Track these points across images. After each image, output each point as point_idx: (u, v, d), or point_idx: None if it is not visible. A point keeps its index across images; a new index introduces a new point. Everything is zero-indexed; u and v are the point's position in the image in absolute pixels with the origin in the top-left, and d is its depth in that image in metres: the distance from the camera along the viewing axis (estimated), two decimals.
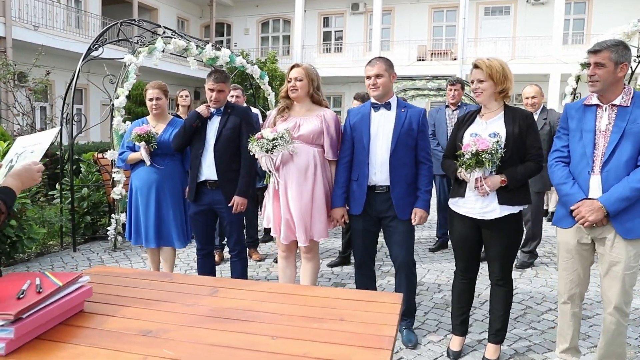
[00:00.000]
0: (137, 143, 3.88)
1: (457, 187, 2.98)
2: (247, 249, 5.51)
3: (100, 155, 6.11)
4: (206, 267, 3.92)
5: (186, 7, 23.40)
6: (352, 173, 3.27)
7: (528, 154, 2.83)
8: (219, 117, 3.69)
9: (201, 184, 3.66)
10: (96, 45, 5.85)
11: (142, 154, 3.86)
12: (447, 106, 5.67)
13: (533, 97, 4.88)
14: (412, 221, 3.14)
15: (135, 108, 12.79)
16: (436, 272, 4.98)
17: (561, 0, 18.20)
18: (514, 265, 3.84)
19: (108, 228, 5.89)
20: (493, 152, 2.70)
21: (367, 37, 22.17)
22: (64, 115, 5.98)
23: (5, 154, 5.32)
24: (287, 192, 3.27)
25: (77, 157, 6.46)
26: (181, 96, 5.72)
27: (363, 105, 3.35)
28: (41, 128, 11.00)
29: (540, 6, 20.42)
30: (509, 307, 3.06)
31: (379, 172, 3.15)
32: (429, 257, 5.53)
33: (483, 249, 3.05)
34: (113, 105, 5.54)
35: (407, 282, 3.26)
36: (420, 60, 20.73)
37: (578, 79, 6.15)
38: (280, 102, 3.39)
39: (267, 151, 3.15)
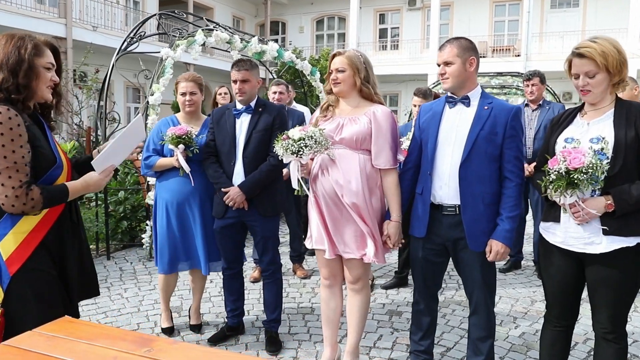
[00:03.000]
0: (172, 147, 3.16)
1: (550, 209, 2.26)
2: (292, 264, 4.97)
3: (135, 156, 5.70)
4: (233, 289, 3.36)
5: (241, 6, 23.35)
6: (417, 185, 2.62)
7: None
8: (249, 116, 3.12)
9: None
10: (134, 40, 5.44)
11: (180, 160, 3.14)
12: (526, 105, 4.84)
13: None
14: (487, 255, 2.44)
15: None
16: (510, 299, 4.20)
17: None
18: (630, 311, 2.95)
19: (143, 235, 5.47)
20: (592, 169, 1.96)
21: (424, 33, 21.38)
22: (99, 114, 5.62)
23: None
24: (323, 207, 2.66)
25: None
26: (220, 93, 5.18)
27: (438, 100, 2.68)
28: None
29: None
30: None
31: (446, 187, 2.47)
32: (500, 279, 4.70)
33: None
34: (148, 102, 5.11)
35: (484, 324, 2.55)
36: (480, 57, 19.57)
37: None
38: (325, 99, 2.78)
39: (293, 154, 2.54)
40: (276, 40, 23.54)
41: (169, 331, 3.49)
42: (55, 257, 1.95)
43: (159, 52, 5.24)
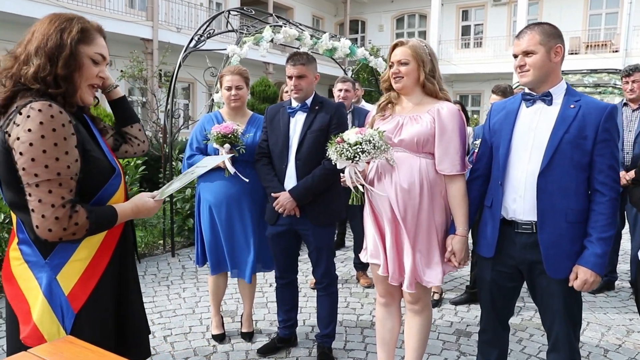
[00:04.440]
0: (217, 146, 2.96)
1: None
2: (356, 271, 4.71)
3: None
4: (286, 299, 3.15)
5: (321, 5, 23.38)
6: (486, 196, 2.27)
7: None
8: (304, 115, 2.89)
9: None
10: (202, 38, 5.42)
11: (226, 161, 2.94)
12: (624, 104, 4.24)
13: None
14: (570, 282, 2.03)
15: (259, 105, 12.60)
16: (600, 327, 3.66)
17: None
18: None
19: None
20: None
21: (510, 29, 20.35)
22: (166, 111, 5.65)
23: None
24: (383, 218, 2.36)
25: (182, 155, 6.13)
26: (286, 92, 5.01)
27: (512, 98, 2.30)
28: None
29: None
30: None
31: (521, 200, 2.09)
32: (588, 301, 4.16)
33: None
34: (213, 100, 5.05)
35: None
36: (572, 53, 18.37)
37: None
38: (382, 97, 2.48)
39: (348, 159, 2.26)
40: (355, 40, 23.47)
41: (220, 338, 3.34)
42: (115, 289, 1.65)
43: (226, 49, 5.17)
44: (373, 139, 2.21)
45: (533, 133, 2.08)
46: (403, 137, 2.29)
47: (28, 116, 1.39)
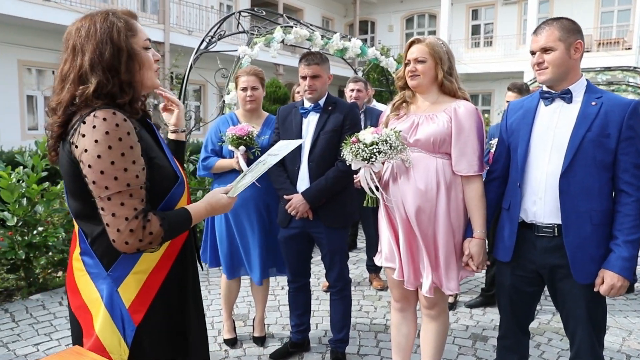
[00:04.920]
0: (232, 148, 2.94)
1: None
2: (369, 273, 4.66)
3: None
4: (299, 303, 3.10)
5: (330, 7, 23.36)
6: (503, 199, 2.20)
7: None
8: (317, 116, 2.84)
9: None
10: (213, 39, 5.40)
11: (241, 163, 2.91)
12: None
13: None
14: (596, 287, 1.96)
15: (270, 106, 12.60)
16: (620, 332, 3.57)
17: None
18: None
19: None
20: None
21: (520, 28, 20.22)
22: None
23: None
24: (398, 221, 2.30)
25: (194, 157, 6.11)
26: (298, 92, 4.96)
27: (530, 96, 2.24)
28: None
29: None
30: None
31: (541, 202, 2.02)
32: (608, 304, 4.04)
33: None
34: (224, 102, 5.02)
35: None
36: (585, 52, 18.06)
37: None
38: (397, 95, 2.43)
39: (364, 160, 2.20)
40: (365, 40, 23.48)
41: (231, 342, 3.30)
42: (175, 298, 1.57)
43: (236, 50, 5.14)
44: (389, 139, 2.16)
45: (552, 132, 2.01)
46: (419, 137, 2.24)
47: (94, 126, 1.32)
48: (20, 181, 4.19)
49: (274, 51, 5.41)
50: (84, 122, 1.33)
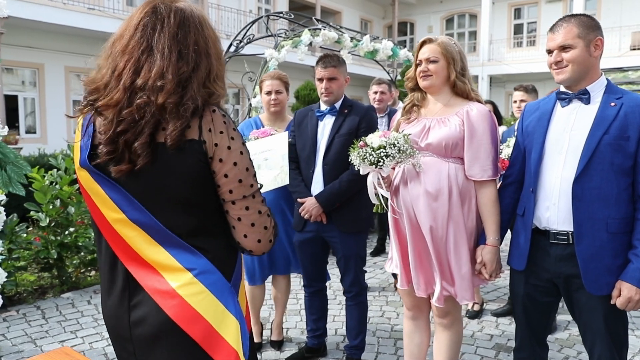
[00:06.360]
0: None
1: None
2: (394, 278, 4.57)
3: None
4: (314, 307, 3.07)
5: (369, 8, 23.24)
6: (518, 204, 2.11)
7: None
8: (333, 119, 2.81)
9: None
10: (242, 43, 5.44)
11: None
12: None
13: None
14: (613, 300, 1.84)
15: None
16: (630, 348, 3.38)
17: None
18: None
19: None
20: None
21: None
22: None
23: None
24: (409, 227, 2.24)
25: None
26: None
27: (546, 97, 2.14)
28: None
29: None
30: None
31: (554, 208, 1.92)
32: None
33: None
34: (250, 104, 5.05)
35: None
36: (634, 49, 17.35)
37: None
38: (406, 98, 2.36)
39: (372, 164, 2.15)
40: (404, 42, 23.19)
41: (256, 348, 3.30)
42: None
43: (264, 53, 5.16)
44: (398, 142, 2.10)
45: (568, 135, 1.90)
46: (430, 141, 2.17)
47: (224, 122, 1.22)
48: (54, 183, 4.34)
49: (302, 54, 5.40)
50: (213, 119, 1.21)
